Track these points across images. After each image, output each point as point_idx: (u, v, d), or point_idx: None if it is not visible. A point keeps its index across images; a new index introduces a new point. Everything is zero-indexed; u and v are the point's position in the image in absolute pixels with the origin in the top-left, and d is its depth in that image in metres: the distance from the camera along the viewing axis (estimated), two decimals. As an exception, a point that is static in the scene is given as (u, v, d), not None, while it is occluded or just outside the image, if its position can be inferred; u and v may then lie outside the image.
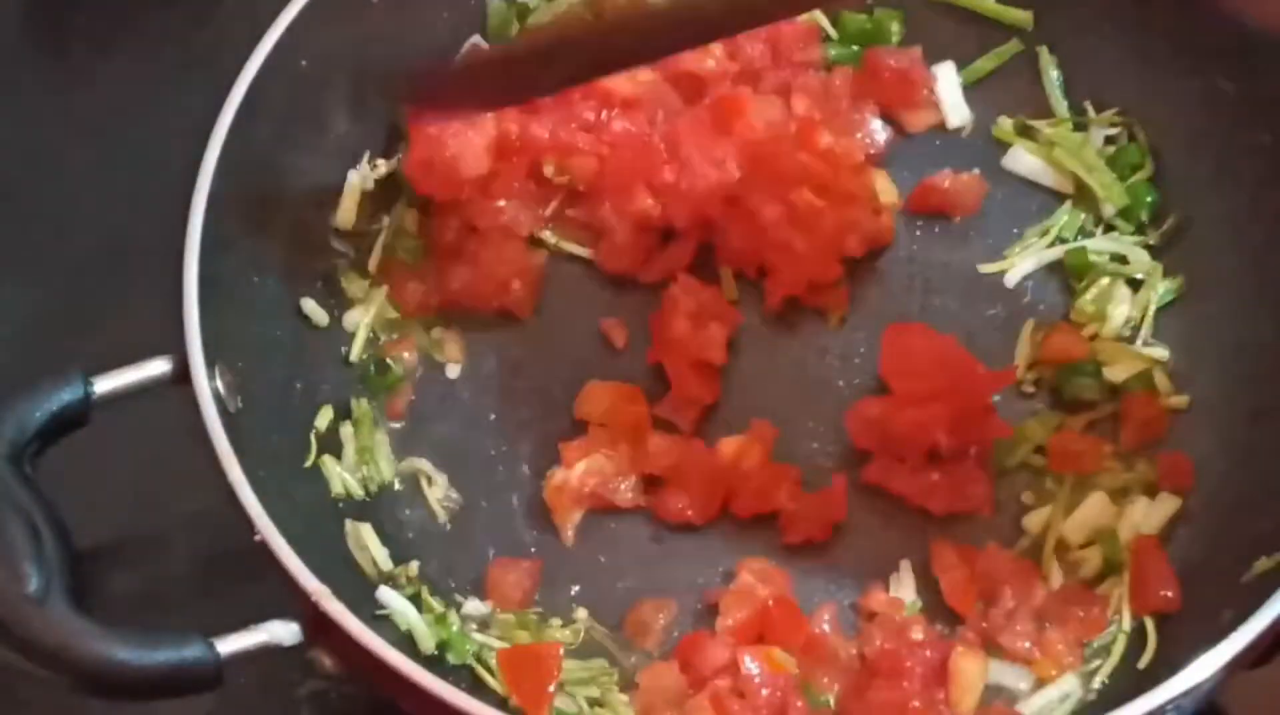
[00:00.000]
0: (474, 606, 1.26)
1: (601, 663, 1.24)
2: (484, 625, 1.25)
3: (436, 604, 1.24)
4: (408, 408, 1.33)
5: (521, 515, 1.30)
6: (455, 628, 1.22)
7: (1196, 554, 1.24)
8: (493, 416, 1.35)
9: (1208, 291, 1.34)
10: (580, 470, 1.28)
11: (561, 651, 1.22)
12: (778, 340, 1.36)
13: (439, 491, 1.31)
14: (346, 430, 1.30)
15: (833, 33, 1.44)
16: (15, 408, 1.13)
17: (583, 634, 1.25)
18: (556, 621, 1.26)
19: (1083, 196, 1.38)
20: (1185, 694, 1.06)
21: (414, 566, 1.26)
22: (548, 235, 1.39)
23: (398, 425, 1.33)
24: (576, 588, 1.27)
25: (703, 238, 1.36)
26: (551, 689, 1.19)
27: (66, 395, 1.15)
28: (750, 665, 1.19)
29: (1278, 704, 1.23)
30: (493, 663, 1.21)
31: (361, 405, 1.32)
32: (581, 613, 1.26)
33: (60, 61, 1.58)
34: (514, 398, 1.35)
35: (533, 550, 1.29)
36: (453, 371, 1.36)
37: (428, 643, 1.20)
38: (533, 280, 1.37)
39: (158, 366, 1.17)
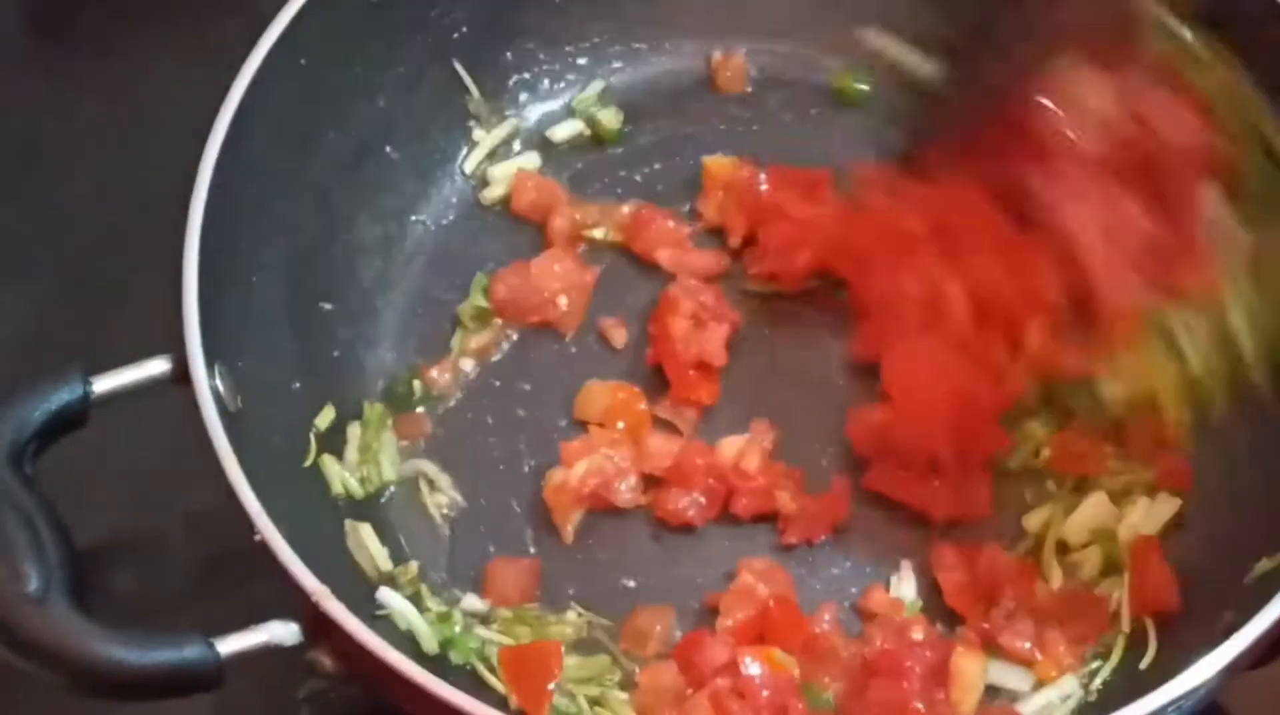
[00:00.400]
0: (471, 602, 1.26)
1: (604, 659, 1.24)
2: (484, 621, 1.25)
3: (438, 604, 1.24)
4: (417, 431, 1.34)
5: (522, 515, 1.30)
6: (458, 627, 1.22)
7: (1197, 555, 1.24)
8: (492, 417, 1.35)
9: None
10: (580, 470, 1.28)
11: (563, 649, 1.22)
12: (778, 341, 1.36)
13: (441, 492, 1.31)
14: (354, 429, 1.30)
15: None
16: (15, 407, 1.13)
17: (584, 630, 1.25)
18: (555, 617, 1.26)
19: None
20: (1186, 695, 1.06)
21: (414, 567, 1.26)
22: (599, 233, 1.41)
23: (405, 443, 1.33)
24: (576, 587, 1.27)
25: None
26: (552, 688, 1.19)
27: (66, 394, 1.14)
28: (750, 665, 1.18)
29: (1278, 704, 1.23)
30: (494, 661, 1.21)
31: (375, 408, 1.32)
32: (582, 609, 1.26)
33: (61, 61, 1.58)
34: (514, 398, 1.35)
35: (532, 550, 1.29)
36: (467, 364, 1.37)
37: (430, 643, 1.20)
38: (582, 297, 1.38)
39: (157, 366, 1.17)
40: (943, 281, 1.26)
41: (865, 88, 1.47)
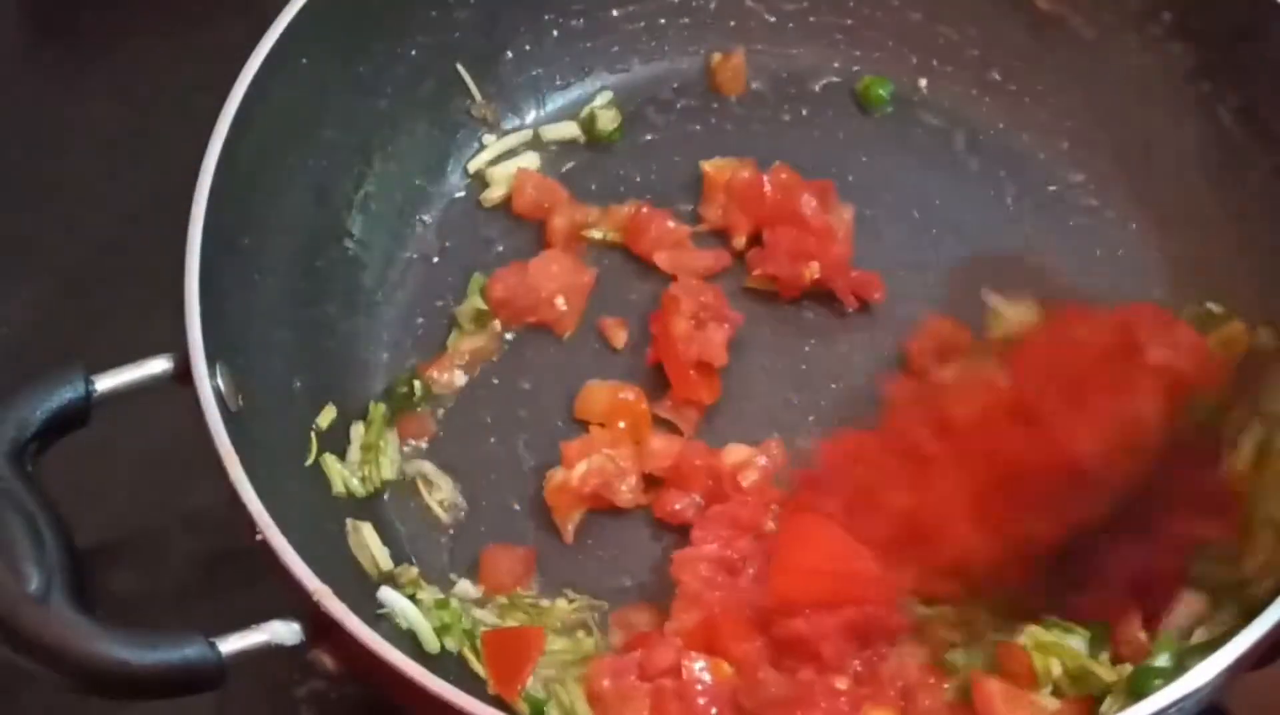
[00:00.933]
0: (464, 588, 1.26)
1: (589, 642, 1.24)
2: (479, 604, 1.25)
3: (434, 591, 1.24)
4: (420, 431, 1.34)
5: (522, 515, 1.30)
6: (457, 612, 1.22)
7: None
8: (493, 417, 1.35)
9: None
10: (581, 470, 1.28)
11: (549, 634, 1.22)
12: (779, 341, 1.37)
13: (441, 493, 1.31)
14: (357, 428, 1.30)
15: None
16: (16, 406, 1.13)
17: (578, 613, 1.25)
18: (548, 603, 1.26)
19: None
20: (1187, 695, 1.06)
21: (413, 570, 1.26)
22: (599, 233, 1.41)
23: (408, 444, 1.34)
24: (574, 586, 1.27)
25: None
26: (529, 671, 1.19)
27: (68, 393, 1.14)
28: (694, 671, 1.18)
29: (1278, 704, 1.23)
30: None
31: (379, 408, 1.32)
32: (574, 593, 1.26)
33: (60, 61, 1.58)
34: (514, 398, 1.35)
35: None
36: (466, 364, 1.37)
37: (433, 642, 1.20)
38: (579, 299, 1.38)
39: (159, 365, 1.16)
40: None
41: (884, 94, 1.47)
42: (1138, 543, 1.20)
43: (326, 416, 1.29)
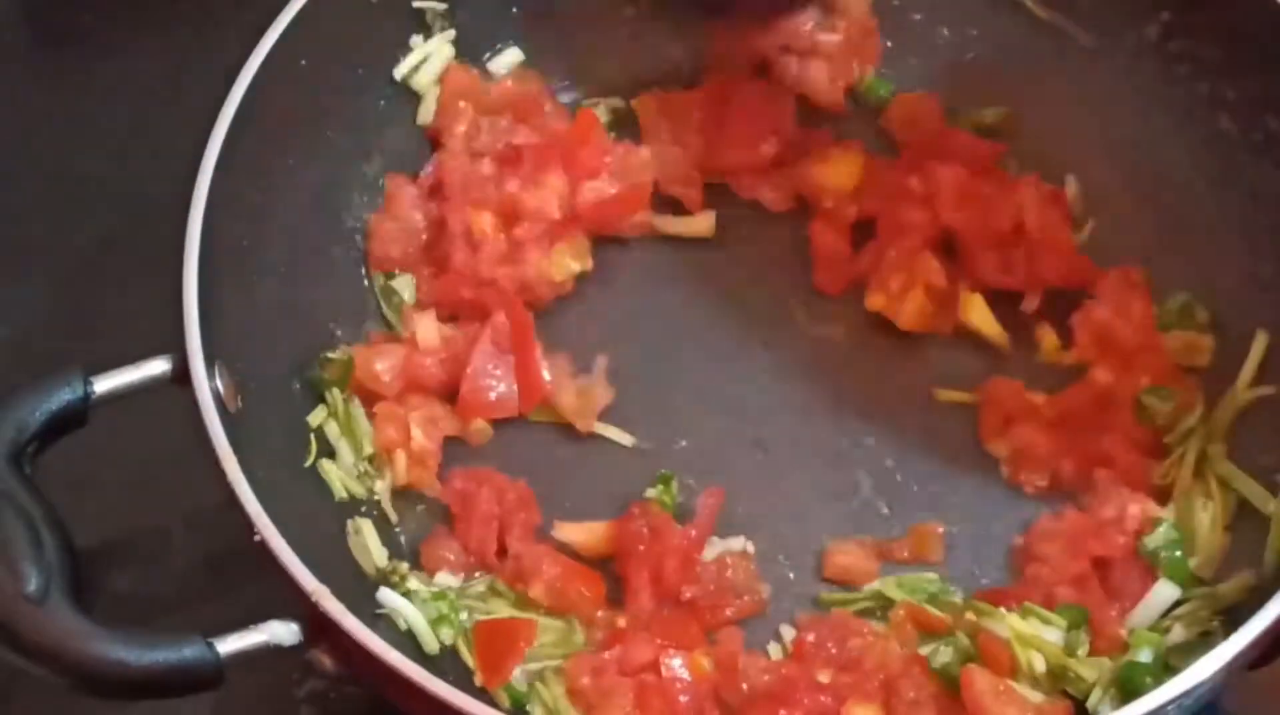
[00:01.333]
0: (445, 579, 1.26)
1: (579, 637, 1.23)
2: (461, 593, 1.25)
3: (425, 581, 1.24)
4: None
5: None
6: (454, 602, 1.22)
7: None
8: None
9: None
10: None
11: (538, 624, 1.22)
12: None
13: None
14: (333, 429, 1.29)
15: None
16: (15, 407, 1.13)
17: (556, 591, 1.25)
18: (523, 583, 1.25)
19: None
20: (1186, 693, 1.06)
21: (403, 566, 1.25)
22: None
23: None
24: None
25: None
26: (516, 662, 1.20)
27: (66, 395, 1.14)
28: (671, 669, 1.19)
29: (1278, 704, 1.23)
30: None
31: (335, 394, 1.30)
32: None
33: (60, 61, 1.58)
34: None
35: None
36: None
37: (431, 642, 1.20)
38: None
39: (157, 366, 1.17)
40: None
41: (884, 94, 1.47)
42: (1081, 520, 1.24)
43: (318, 416, 1.28)
